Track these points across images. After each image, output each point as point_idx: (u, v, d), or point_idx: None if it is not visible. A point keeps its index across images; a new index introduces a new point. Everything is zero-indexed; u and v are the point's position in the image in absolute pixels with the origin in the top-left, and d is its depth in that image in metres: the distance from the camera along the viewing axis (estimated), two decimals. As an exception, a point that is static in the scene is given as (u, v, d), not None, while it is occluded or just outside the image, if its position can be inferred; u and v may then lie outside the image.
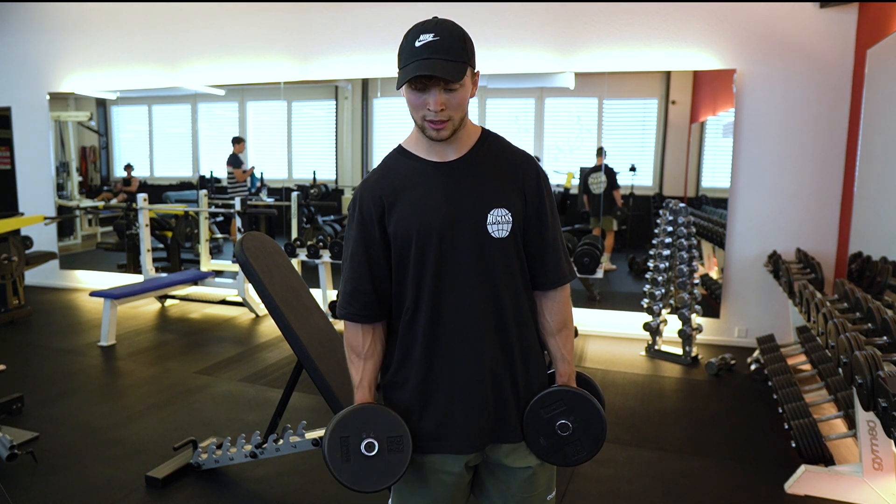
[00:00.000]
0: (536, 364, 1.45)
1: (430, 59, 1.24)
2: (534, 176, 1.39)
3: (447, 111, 1.28)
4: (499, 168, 1.38)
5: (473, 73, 1.33)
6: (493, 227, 1.34)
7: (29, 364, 4.38)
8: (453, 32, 1.28)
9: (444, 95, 1.26)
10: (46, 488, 2.70)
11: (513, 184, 1.37)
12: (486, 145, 1.40)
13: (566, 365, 1.45)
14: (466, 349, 1.35)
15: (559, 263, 1.42)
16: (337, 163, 6.57)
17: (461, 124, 1.33)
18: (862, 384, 2.21)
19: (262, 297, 2.40)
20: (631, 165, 5.42)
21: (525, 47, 5.18)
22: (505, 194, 1.36)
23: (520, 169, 1.39)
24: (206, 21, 6.09)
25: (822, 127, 4.59)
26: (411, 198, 1.35)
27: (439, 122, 1.28)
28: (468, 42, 1.30)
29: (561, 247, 1.43)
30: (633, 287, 5.50)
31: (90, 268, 7.01)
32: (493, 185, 1.36)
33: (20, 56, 6.78)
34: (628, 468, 2.96)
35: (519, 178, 1.38)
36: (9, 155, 7.02)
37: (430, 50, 1.24)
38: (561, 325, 1.44)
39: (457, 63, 1.26)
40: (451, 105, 1.28)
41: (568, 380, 1.45)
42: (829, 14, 4.48)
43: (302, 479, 2.81)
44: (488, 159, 1.38)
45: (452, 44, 1.26)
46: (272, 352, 4.71)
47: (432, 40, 1.25)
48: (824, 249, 4.63)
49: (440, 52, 1.24)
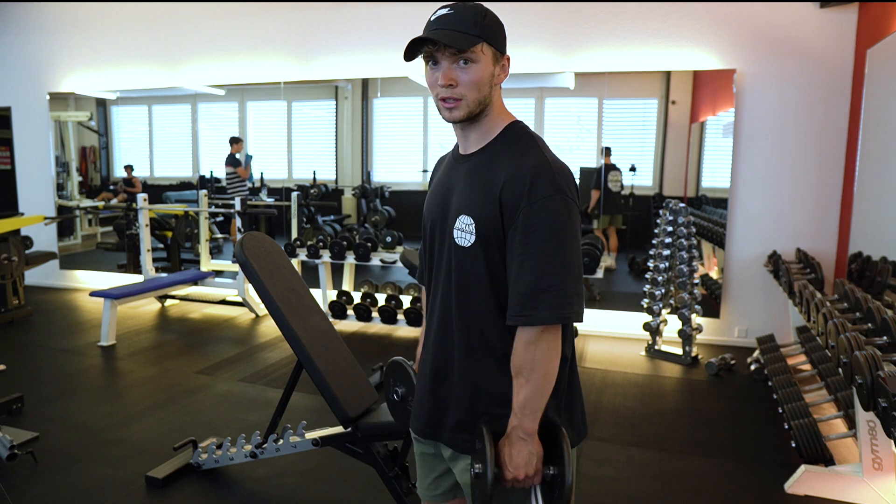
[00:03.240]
0: (484, 383, 1.29)
1: (437, 30, 1.20)
2: (519, 190, 1.18)
3: (459, 88, 1.21)
4: (491, 170, 1.24)
5: (498, 55, 1.25)
6: (457, 233, 1.27)
7: (29, 364, 4.38)
8: (471, 8, 1.22)
9: (456, 70, 1.21)
10: (46, 488, 2.70)
11: (490, 191, 1.22)
12: (501, 142, 1.28)
13: (513, 416, 1.22)
14: (429, 340, 1.41)
15: (522, 300, 1.18)
16: (337, 163, 6.57)
17: (481, 109, 1.25)
18: (862, 384, 2.21)
19: (262, 297, 2.40)
20: (631, 165, 5.42)
21: (525, 47, 5.18)
22: (476, 201, 1.24)
23: (506, 177, 1.21)
24: (206, 21, 6.09)
25: (822, 127, 4.59)
26: (432, 187, 1.43)
27: (450, 99, 1.22)
28: (489, 19, 1.23)
29: (535, 281, 1.17)
30: (633, 287, 5.50)
31: (90, 268, 7.01)
32: (474, 189, 1.26)
33: (20, 56, 6.79)
34: (628, 468, 2.96)
35: (498, 187, 1.21)
36: (9, 155, 7.02)
37: (440, 21, 1.21)
38: (516, 370, 1.22)
39: (465, 34, 1.19)
40: (463, 81, 1.21)
41: (510, 431, 1.22)
42: (829, 14, 4.48)
43: (302, 479, 2.81)
44: (491, 159, 1.27)
45: (466, 17, 1.20)
46: (272, 352, 4.71)
47: (446, 13, 1.22)
48: (824, 249, 4.63)
49: (450, 24, 1.20)
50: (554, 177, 1.18)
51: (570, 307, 1.18)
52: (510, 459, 1.20)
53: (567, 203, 1.18)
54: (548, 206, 1.16)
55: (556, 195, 1.17)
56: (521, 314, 1.18)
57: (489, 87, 1.24)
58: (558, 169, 1.21)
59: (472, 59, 1.21)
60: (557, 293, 1.16)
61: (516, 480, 1.21)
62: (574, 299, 1.18)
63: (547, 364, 1.20)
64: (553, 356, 1.21)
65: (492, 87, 1.25)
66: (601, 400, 3.81)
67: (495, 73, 1.25)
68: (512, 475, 1.20)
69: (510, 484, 1.22)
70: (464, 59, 1.21)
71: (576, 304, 1.19)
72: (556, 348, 1.21)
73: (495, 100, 1.28)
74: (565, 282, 1.17)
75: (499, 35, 1.25)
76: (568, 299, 1.17)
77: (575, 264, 1.19)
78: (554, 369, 1.22)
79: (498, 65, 1.26)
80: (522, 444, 1.20)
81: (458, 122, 1.27)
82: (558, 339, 1.21)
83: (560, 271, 1.17)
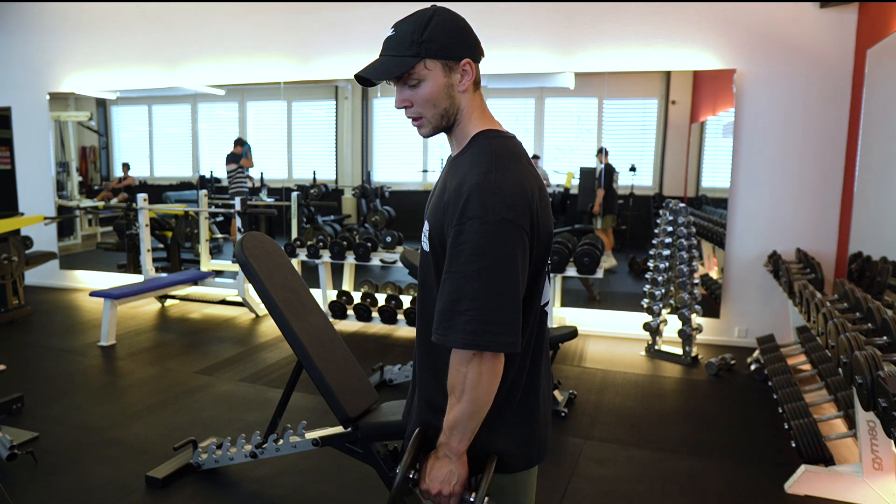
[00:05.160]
0: (429, 391, 1.29)
1: (379, 57, 1.21)
2: (455, 206, 1.14)
3: (415, 108, 1.21)
4: (450, 180, 1.21)
5: (451, 64, 1.19)
6: (423, 236, 1.26)
7: (29, 364, 4.38)
8: (412, 23, 1.18)
9: (407, 91, 1.20)
10: (46, 488, 2.70)
11: (441, 201, 1.20)
12: (466, 151, 1.24)
13: (443, 433, 1.19)
14: None
15: (439, 317, 1.13)
16: (337, 163, 6.57)
17: (447, 121, 1.23)
18: (862, 384, 2.21)
19: (262, 298, 2.40)
20: (631, 165, 5.43)
21: (525, 47, 5.18)
22: (436, 208, 1.22)
23: (451, 190, 1.17)
24: (206, 21, 6.09)
25: (822, 127, 4.59)
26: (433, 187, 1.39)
27: (412, 118, 1.24)
28: (430, 31, 1.17)
29: (452, 302, 1.11)
30: (633, 287, 5.50)
31: (90, 268, 7.01)
32: (437, 196, 1.25)
33: (20, 56, 6.78)
34: (628, 468, 2.96)
35: (445, 198, 1.18)
36: (9, 155, 7.02)
37: (384, 46, 1.21)
38: (450, 388, 1.17)
39: (400, 58, 1.17)
40: (416, 101, 1.20)
41: (438, 446, 1.21)
42: (829, 14, 4.48)
43: (302, 479, 2.81)
44: (454, 167, 1.24)
45: (403, 38, 1.18)
46: (272, 352, 4.71)
47: (389, 36, 1.21)
48: (824, 249, 4.63)
49: (390, 48, 1.19)
50: (492, 198, 1.11)
51: (489, 335, 1.09)
52: (429, 472, 1.20)
53: (498, 226, 1.10)
54: (476, 227, 1.10)
55: (486, 217, 1.09)
56: (437, 330, 1.14)
57: (448, 99, 1.21)
58: (501, 190, 1.12)
59: (417, 78, 1.18)
60: (473, 319, 1.09)
61: (430, 494, 1.20)
62: (494, 328, 1.09)
63: (478, 388, 1.13)
64: (487, 382, 1.13)
65: (452, 97, 1.21)
66: (601, 400, 3.81)
67: (453, 83, 1.20)
68: (426, 487, 1.20)
69: (425, 496, 1.21)
70: (411, 80, 1.19)
71: (499, 334, 1.10)
72: (491, 374, 1.13)
73: (466, 107, 1.24)
74: (483, 309, 1.09)
75: (446, 44, 1.18)
76: (486, 327, 1.09)
77: (499, 292, 1.10)
78: (488, 394, 1.15)
79: (453, 74, 1.20)
80: (446, 462, 1.19)
81: (430, 136, 1.28)
82: (495, 366, 1.13)
83: (478, 296, 1.09)
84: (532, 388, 1.28)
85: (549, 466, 2.92)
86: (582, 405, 3.72)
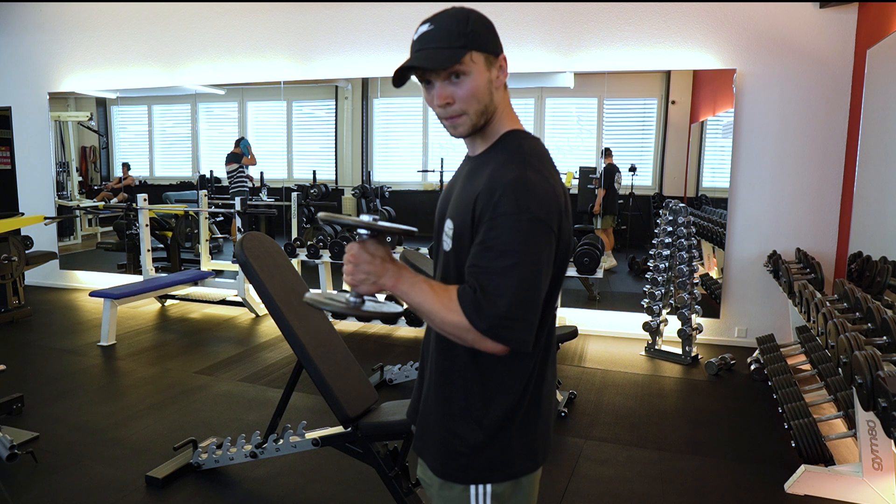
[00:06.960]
0: (446, 389, 1.25)
1: (419, 51, 1.15)
2: (488, 203, 1.11)
3: (457, 105, 1.16)
4: (478, 178, 1.19)
5: (492, 58, 1.18)
6: (444, 235, 1.23)
7: (29, 364, 4.38)
8: (452, 16, 1.16)
9: (449, 87, 1.15)
10: (46, 488, 2.70)
11: (469, 199, 1.17)
12: (495, 150, 1.22)
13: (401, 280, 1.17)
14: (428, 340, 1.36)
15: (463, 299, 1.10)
16: (337, 163, 6.57)
17: (485, 118, 1.19)
18: (862, 384, 2.21)
19: (262, 298, 2.40)
20: (631, 165, 5.43)
21: (525, 47, 5.18)
22: (461, 206, 1.19)
23: (482, 188, 1.15)
24: (206, 21, 6.09)
25: (822, 127, 4.59)
26: (446, 186, 1.36)
27: (451, 117, 1.18)
28: (473, 23, 1.16)
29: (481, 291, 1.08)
30: (633, 287, 5.50)
31: (90, 268, 7.01)
32: (461, 194, 1.22)
33: (20, 56, 6.79)
34: (628, 468, 2.96)
35: (475, 196, 1.15)
36: (9, 155, 7.02)
37: (422, 40, 1.16)
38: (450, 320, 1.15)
39: (448, 49, 1.13)
40: (459, 97, 1.15)
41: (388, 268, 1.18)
42: (829, 14, 4.48)
43: (302, 479, 2.81)
44: (482, 166, 1.21)
45: (448, 29, 1.14)
46: (272, 352, 4.71)
47: (427, 30, 1.16)
48: (824, 249, 4.63)
49: (433, 41, 1.14)
50: (526, 196, 1.09)
51: (507, 331, 1.08)
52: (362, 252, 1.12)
53: (530, 224, 1.08)
54: (510, 223, 1.08)
55: (519, 214, 1.08)
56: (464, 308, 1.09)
57: (489, 94, 1.18)
58: (535, 189, 1.11)
59: (463, 73, 1.14)
60: (496, 314, 1.08)
61: (348, 264, 1.13)
62: (515, 324, 1.08)
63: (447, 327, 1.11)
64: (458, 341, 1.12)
65: (492, 92, 1.19)
66: (601, 400, 3.81)
67: (493, 78, 1.18)
68: (347, 257, 1.13)
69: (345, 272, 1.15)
70: (455, 74, 1.15)
71: (517, 330, 1.09)
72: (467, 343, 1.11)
73: (499, 103, 1.22)
74: (509, 305, 1.08)
75: (488, 37, 1.18)
76: (505, 322, 1.08)
77: (524, 289, 1.09)
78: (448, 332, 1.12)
79: (494, 67, 1.19)
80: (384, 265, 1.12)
81: (464, 136, 1.23)
82: (491, 351, 1.11)
83: (504, 292, 1.08)
84: (539, 393, 1.27)
85: (549, 466, 2.92)
86: (582, 405, 3.72)
